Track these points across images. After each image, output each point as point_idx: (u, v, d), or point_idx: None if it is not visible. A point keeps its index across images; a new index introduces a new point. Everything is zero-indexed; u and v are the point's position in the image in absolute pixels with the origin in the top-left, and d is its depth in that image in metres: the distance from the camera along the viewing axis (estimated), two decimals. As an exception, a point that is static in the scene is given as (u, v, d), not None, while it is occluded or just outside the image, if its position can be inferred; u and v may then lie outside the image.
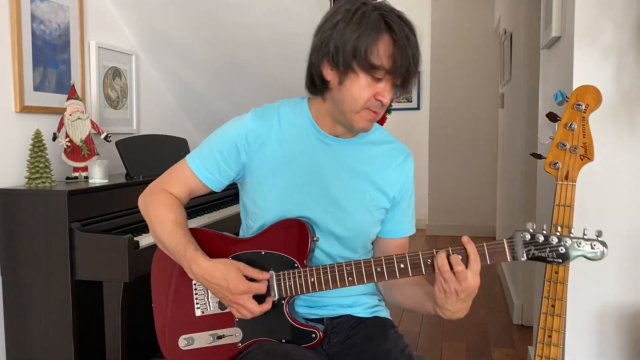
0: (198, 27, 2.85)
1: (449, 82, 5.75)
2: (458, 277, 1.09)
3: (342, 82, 1.17)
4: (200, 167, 1.29)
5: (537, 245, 1.09)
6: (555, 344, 1.26)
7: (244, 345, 1.25)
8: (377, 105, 1.17)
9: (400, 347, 1.27)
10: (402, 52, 1.12)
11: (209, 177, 1.29)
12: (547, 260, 1.09)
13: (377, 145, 1.33)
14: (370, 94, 1.16)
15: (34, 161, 2.06)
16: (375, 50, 1.12)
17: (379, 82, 1.15)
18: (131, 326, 2.06)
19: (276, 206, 1.26)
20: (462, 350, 2.89)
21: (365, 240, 1.33)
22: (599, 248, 1.08)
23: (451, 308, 1.14)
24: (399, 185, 1.33)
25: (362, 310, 1.35)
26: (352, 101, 1.17)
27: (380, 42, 1.13)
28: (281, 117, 1.28)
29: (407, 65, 1.14)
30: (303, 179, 1.26)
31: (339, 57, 1.15)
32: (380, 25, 1.13)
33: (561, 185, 1.23)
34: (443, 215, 5.88)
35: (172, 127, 3.17)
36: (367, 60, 1.12)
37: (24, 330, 2.03)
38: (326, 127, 1.27)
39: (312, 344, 1.22)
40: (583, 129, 1.21)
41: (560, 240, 1.08)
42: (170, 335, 1.30)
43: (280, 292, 1.22)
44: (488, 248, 1.11)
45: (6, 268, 2.03)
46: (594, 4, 1.74)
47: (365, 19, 1.13)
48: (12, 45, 2.14)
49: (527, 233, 1.10)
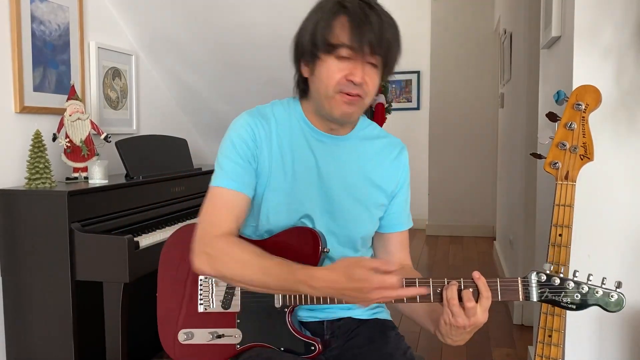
0: (198, 27, 2.85)
1: (448, 82, 5.75)
2: (467, 313, 1.05)
3: (314, 72, 1.19)
4: (239, 183, 1.21)
5: (552, 289, 1.05)
6: (556, 344, 1.26)
7: (242, 347, 1.25)
8: (350, 86, 1.15)
9: (402, 349, 1.27)
10: (359, 27, 1.12)
11: (244, 185, 1.22)
12: (561, 306, 1.05)
13: (372, 141, 1.32)
14: (341, 76, 1.15)
15: (33, 162, 2.06)
16: (331, 31, 1.14)
17: (347, 63, 1.15)
18: (131, 326, 2.06)
19: (278, 207, 1.25)
20: (463, 350, 2.89)
21: (363, 238, 1.33)
22: (617, 300, 1.05)
23: (454, 338, 1.11)
24: (395, 180, 1.33)
25: (362, 313, 1.34)
26: (323, 86, 1.17)
27: (336, 22, 1.14)
28: (277, 117, 1.27)
29: (370, 40, 1.12)
30: (301, 178, 1.26)
31: (305, 50, 1.18)
32: (335, 9, 1.15)
33: (561, 185, 1.23)
34: (443, 215, 5.88)
35: (172, 128, 3.18)
36: (325, 42, 1.14)
37: (24, 331, 2.03)
38: (318, 125, 1.27)
39: (310, 356, 1.22)
40: (583, 128, 1.21)
41: (578, 287, 1.05)
42: (171, 327, 1.30)
43: (284, 300, 1.21)
44: (501, 285, 1.07)
45: (6, 268, 2.03)
46: (594, 4, 1.74)
47: (322, 7, 1.17)
48: (12, 46, 2.14)
49: (543, 274, 1.06)
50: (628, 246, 1.76)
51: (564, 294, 1.05)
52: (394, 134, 1.40)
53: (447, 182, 5.83)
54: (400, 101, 6.29)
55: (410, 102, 6.30)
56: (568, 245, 1.24)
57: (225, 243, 1.15)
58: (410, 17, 6.17)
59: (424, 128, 6.02)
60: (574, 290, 1.05)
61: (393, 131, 1.44)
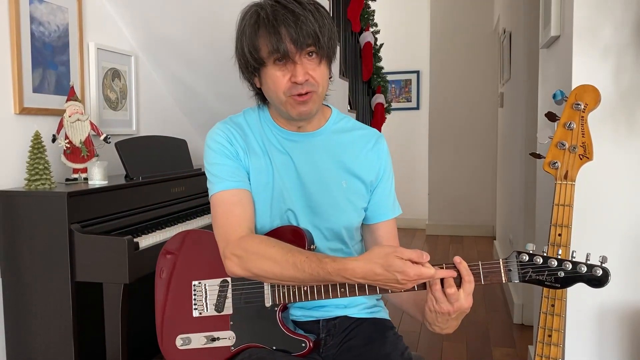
0: (197, 28, 2.85)
1: (448, 82, 5.75)
2: (450, 298, 1.06)
3: (262, 83, 1.24)
4: (238, 181, 1.25)
5: (535, 268, 1.04)
6: (555, 344, 1.26)
7: (236, 349, 1.26)
8: (297, 87, 1.17)
9: (399, 349, 1.27)
10: (274, 30, 1.14)
11: (240, 181, 1.25)
12: (545, 285, 1.03)
13: (347, 133, 1.33)
14: (286, 80, 1.18)
15: (33, 163, 2.06)
16: (257, 46, 1.17)
17: (287, 65, 1.17)
18: (131, 327, 2.06)
19: (261, 208, 1.27)
20: (463, 350, 2.89)
21: (349, 230, 1.32)
22: (601, 275, 1.02)
23: (441, 325, 1.12)
24: (374, 169, 1.33)
25: (359, 311, 1.34)
26: (274, 94, 1.21)
27: (257, 36, 1.17)
28: (249, 122, 1.31)
29: (291, 38, 1.14)
30: (280, 178, 1.27)
31: (245, 66, 1.23)
32: (252, 20, 1.18)
33: (560, 184, 1.23)
34: (443, 214, 5.88)
35: (172, 128, 3.17)
36: (256, 58, 1.18)
37: (24, 332, 2.03)
38: (286, 126, 1.29)
39: (301, 353, 1.22)
40: (582, 128, 1.21)
41: (560, 264, 1.03)
42: (168, 334, 1.32)
43: (273, 299, 1.23)
44: (483, 268, 1.07)
45: (6, 269, 2.03)
46: (593, 4, 1.74)
47: (243, 19, 1.21)
48: (11, 47, 2.14)
49: (526, 254, 1.05)
50: (627, 245, 1.76)
51: (547, 272, 1.03)
52: (394, 133, 1.41)
53: (447, 182, 5.83)
54: (399, 101, 6.29)
55: (410, 101, 6.30)
56: (567, 245, 1.24)
57: (251, 243, 1.17)
58: (410, 17, 6.18)
59: (423, 128, 6.02)
60: (557, 268, 1.03)
61: (393, 131, 1.45)
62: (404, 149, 6.01)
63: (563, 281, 1.03)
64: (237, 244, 1.17)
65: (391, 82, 6.15)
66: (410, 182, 5.99)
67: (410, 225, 6.05)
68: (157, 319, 1.34)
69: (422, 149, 6.02)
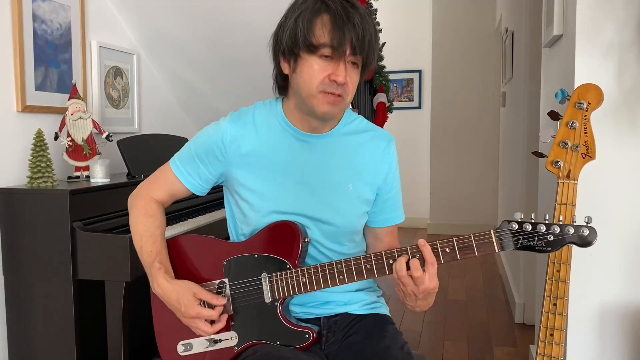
0: (199, 26, 2.85)
1: (450, 81, 5.74)
2: (416, 281, 1.10)
3: (295, 70, 1.19)
4: (182, 171, 1.32)
5: (526, 235, 1.07)
6: (557, 343, 1.26)
7: (239, 348, 1.25)
8: (333, 86, 1.16)
9: (399, 343, 1.27)
10: (341, 27, 1.12)
11: (191, 181, 1.32)
12: (537, 249, 1.07)
13: (357, 135, 1.32)
14: (323, 75, 1.16)
15: (35, 161, 2.06)
16: (313, 30, 1.14)
17: (330, 62, 1.15)
18: (133, 325, 2.06)
19: (263, 209, 1.27)
20: (464, 349, 2.89)
21: (351, 234, 1.33)
22: (588, 234, 1.05)
23: (411, 304, 1.17)
24: (382, 173, 1.32)
25: (359, 308, 1.35)
26: (306, 85, 1.18)
27: (317, 21, 1.14)
28: (256, 119, 1.29)
29: (352, 39, 1.13)
30: (285, 179, 1.27)
31: (285, 47, 1.18)
32: (316, 6, 1.15)
33: (563, 183, 1.23)
34: (444, 213, 5.87)
35: (174, 127, 3.18)
36: (307, 41, 1.14)
37: (26, 330, 2.03)
38: (299, 124, 1.27)
39: (305, 344, 1.22)
40: (584, 127, 1.20)
41: (549, 228, 1.06)
42: (168, 341, 1.31)
43: (273, 294, 1.23)
44: (475, 239, 1.09)
45: (8, 267, 2.03)
46: (595, 2, 1.74)
47: (303, 4, 1.17)
48: (13, 45, 2.15)
49: (515, 222, 1.07)
50: (630, 244, 1.76)
51: (537, 238, 1.06)
52: (396, 133, 1.40)
53: (449, 181, 5.83)
54: (401, 100, 6.29)
55: (412, 101, 6.30)
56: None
57: (145, 205, 1.33)
58: (412, 16, 6.18)
59: (425, 127, 6.02)
60: (546, 232, 1.06)
61: (394, 130, 1.45)
62: (406, 148, 6.00)
63: (553, 244, 1.06)
64: (142, 197, 1.35)
65: (393, 81, 6.15)
66: (412, 181, 5.99)
67: (411, 225, 6.04)
68: (156, 328, 1.33)
69: (424, 148, 6.02)
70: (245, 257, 1.26)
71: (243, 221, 1.31)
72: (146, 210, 1.33)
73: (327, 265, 1.19)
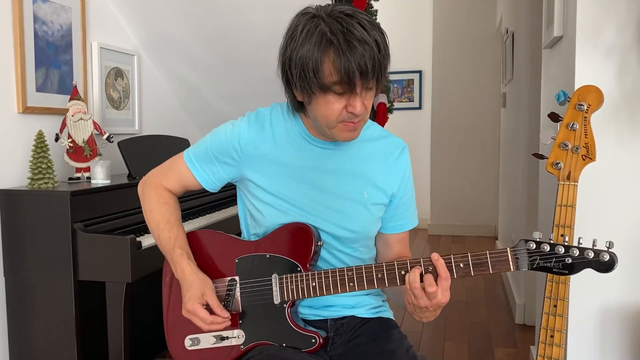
0: (200, 27, 2.85)
1: (450, 82, 5.74)
2: (429, 296, 1.09)
3: (310, 102, 1.16)
4: (197, 167, 1.31)
5: (543, 255, 1.04)
6: (558, 344, 1.26)
7: (246, 347, 1.26)
8: (351, 117, 1.14)
9: (404, 347, 1.27)
10: (347, 61, 1.07)
11: (205, 178, 1.32)
12: (553, 272, 1.04)
13: (372, 142, 1.32)
14: (340, 108, 1.13)
15: (36, 162, 2.06)
16: (322, 71, 1.09)
17: (345, 94, 1.12)
18: (134, 326, 2.06)
19: (276, 212, 1.26)
20: (465, 350, 2.89)
21: (365, 239, 1.33)
22: (608, 260, 1.01)
23: (421, 315, 1.16)
24: (397, 180, 1.33)
25: (365, 311, 1.35)
26: (324, 119, 1.16)
27: (324, 60, 1.08)
28: (274, 122, 1.28)
29: (361, 70, 1.08)
30: (299, 184, 1.26)
31: (297, 82, 1.13)
32: (321, 45, 1.08)
33: (563, 185, 1.23)
34: (445, 214, 5.87)
35: (174, 128, 3.18)
36: (319, 81, 1.10)
37: (27, 331, 2.03)
38: (318, 135, 1.26)
39: (311, 349, 1.23)
40: (585, 129, 1.20)
41: (568, 251, 1.03)
42: (176, 335, 1.32)
43: (282, 296, 1.23)
44: (491, 257, 1.07)
45: (9, 268, 2.03)
46: (596, 4, 1.74)
47: (309, 38, 1.10)
48: (14, 47, 2.15)
49: (533, 242, 1.05)
50: (630, 246, 1.76)
51: (555, 259, 1.04)
52: (396, 133, 1.40)
53: (449, 182, 5.83)
54: (402, 101, 6.29)
55: (412, 101, 6.30)
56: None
57: (156, 195, 1.35)
58: (412, 16, 6.18)
59: (425, 128, 6.02)
60: (564, 254, 1.04)
61: (395, 131, 1.44)
62: (406, 148, 6.00)
63: (571, 267, 1.03)
64: (155, 185, 1.36)
65: (393, 81, 6.15)
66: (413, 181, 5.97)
67: (412, 225, 6.04)
68: (165, 321, 1.34)
69: (424, 149, 6.02)
70: (258, 257, 1.27)
71: (255, 222, 1.31)
72: (159, 198, 1.34)
73: (338, 272, 1.19)
